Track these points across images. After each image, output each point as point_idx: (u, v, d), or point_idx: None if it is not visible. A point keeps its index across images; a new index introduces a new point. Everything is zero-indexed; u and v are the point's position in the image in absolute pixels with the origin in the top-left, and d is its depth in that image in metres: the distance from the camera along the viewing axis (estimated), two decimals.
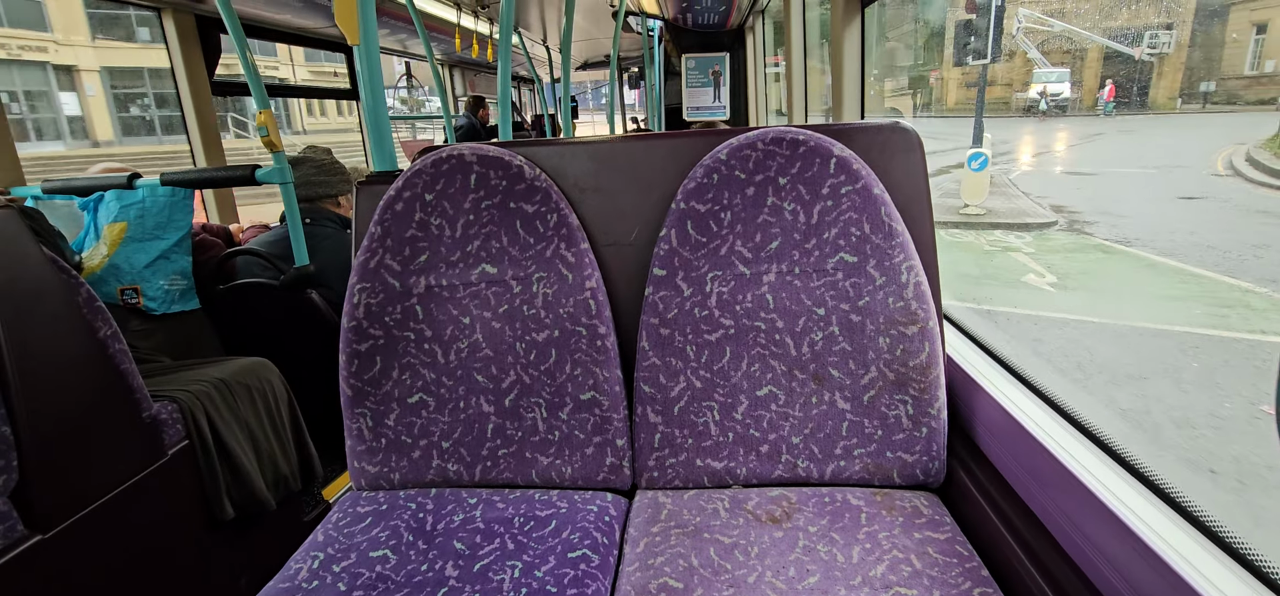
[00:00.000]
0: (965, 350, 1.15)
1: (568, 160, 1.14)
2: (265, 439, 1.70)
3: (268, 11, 3.23)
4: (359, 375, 1.10)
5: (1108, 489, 0.74)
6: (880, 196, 1.00)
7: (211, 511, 1.56)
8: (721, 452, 1.08)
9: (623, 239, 1.13)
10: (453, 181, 1.08)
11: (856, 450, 1.05)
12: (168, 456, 1.45)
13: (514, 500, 1.08)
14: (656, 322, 1.06)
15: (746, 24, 5.09)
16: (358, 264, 1.09)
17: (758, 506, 1.02)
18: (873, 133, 1.08)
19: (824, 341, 1.03)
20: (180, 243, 1.99)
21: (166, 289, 1.95)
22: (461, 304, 1.09)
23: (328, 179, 2.22)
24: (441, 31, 4.61)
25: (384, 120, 1.29)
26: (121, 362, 1.37)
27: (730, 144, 1.05)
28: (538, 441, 1.11)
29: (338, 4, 1.27)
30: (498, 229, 1.09)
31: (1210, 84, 13.07)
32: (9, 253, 1.20)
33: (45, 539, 1.20)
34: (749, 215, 1.04)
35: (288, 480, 1.77)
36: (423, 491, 1.12)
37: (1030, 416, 0.90)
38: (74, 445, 1.28)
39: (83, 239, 1.97)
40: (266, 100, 1.95)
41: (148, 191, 1.94)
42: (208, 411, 1.55)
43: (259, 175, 1.94)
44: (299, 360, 2.00)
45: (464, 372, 1.10)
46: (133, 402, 1.39)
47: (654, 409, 1.08)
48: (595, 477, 1.11)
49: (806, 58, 3.14)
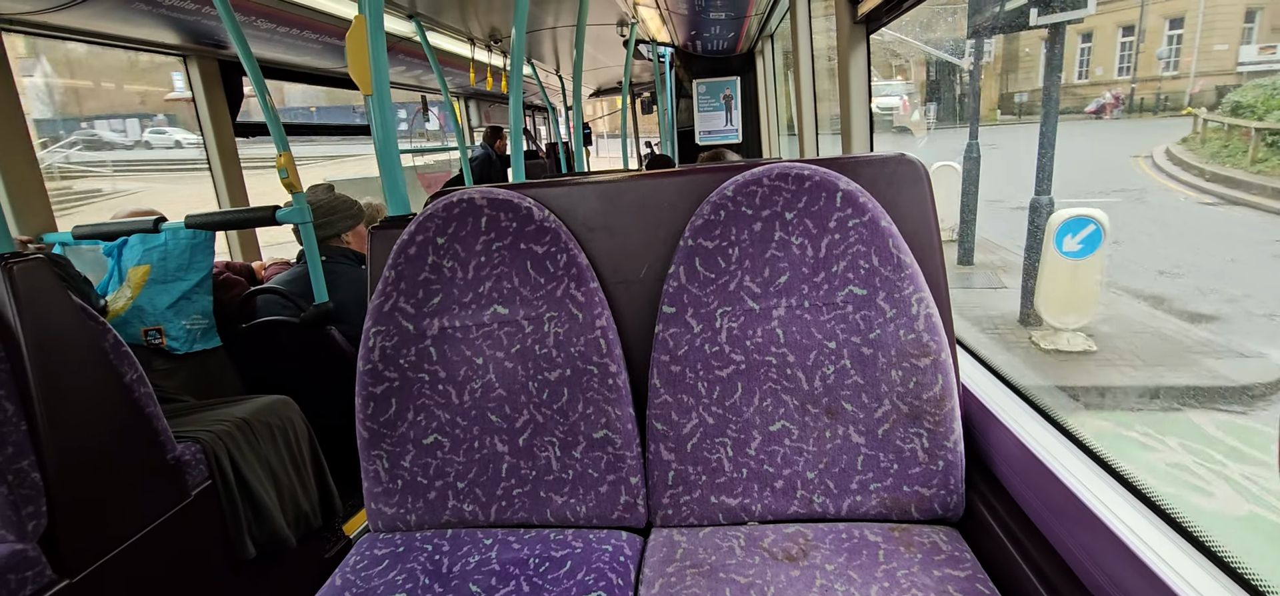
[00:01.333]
0: (982, 380, 1.14)
1: (576, 200, 1.15)
2: (286, 476, 1.73)
3: (287, 55, 3.33)
4: (375, 417, 1.11)
5: (1128, 527, 0.72)
6: (887, 229, 1.00)
7: (233, 550, 1.58)
8: (736, 489, 1.07)
9: (632, 276, 1.14)
10: (464, 224, 1.10)
11: (872, 484, 1.04)
12: (191, 497, 1.48)
13: (529, 540, 1.08)
14: (667, 359, 1.07)
15: (756, 48, 5.13)
16: (373, 307, 1.11)
17: (774, 544, 1.01)
18: (878, 165, 1.08)
19: (836, 375, 1.03)
20: (201, 283, 2.04)
21: (188, 329, 1.99)
22: (474, 345, 1.11)
23: (330, 219, 2.27)
24: (456, 66, 4.71)
25: (397, 166, 1.32)
26: (146, 406, 1.40)
27: (736, 180, 1.05)
28: (552, 480, 1.12)
29: (351, 57, 1.31)
30: (509, 270, 1.10)
31: (1023, 96, 12.83)
32: (39, 302, 1.24)
33: (72, 583, 1.22)
34: (757, 250, 1.04)
35: (308, 517, 1.79)
36: (439, 532, 1.12)
37: (1049, 450, 0.89)
38: (101, 489, 1.31)
39: (107, 282, 2.03)
40: (285, 143, 2.00)
41: (170, 235, 2.00)
42: (230, 451, 1.58)
43: (279, 216, 1.98)
44: (319, 395, 2.03)
45: (478, 413, 1.11)
46: (158, 445, 1.42)
47: (666, 446, 1.08)
48: (609, 516, 1.11)
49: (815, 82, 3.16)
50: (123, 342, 1.39)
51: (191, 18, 2.51)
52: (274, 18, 2.83)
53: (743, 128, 5.34)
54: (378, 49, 1.34)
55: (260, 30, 2.88)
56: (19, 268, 1.22)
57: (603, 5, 3.69)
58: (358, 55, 1.30)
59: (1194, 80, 10.96)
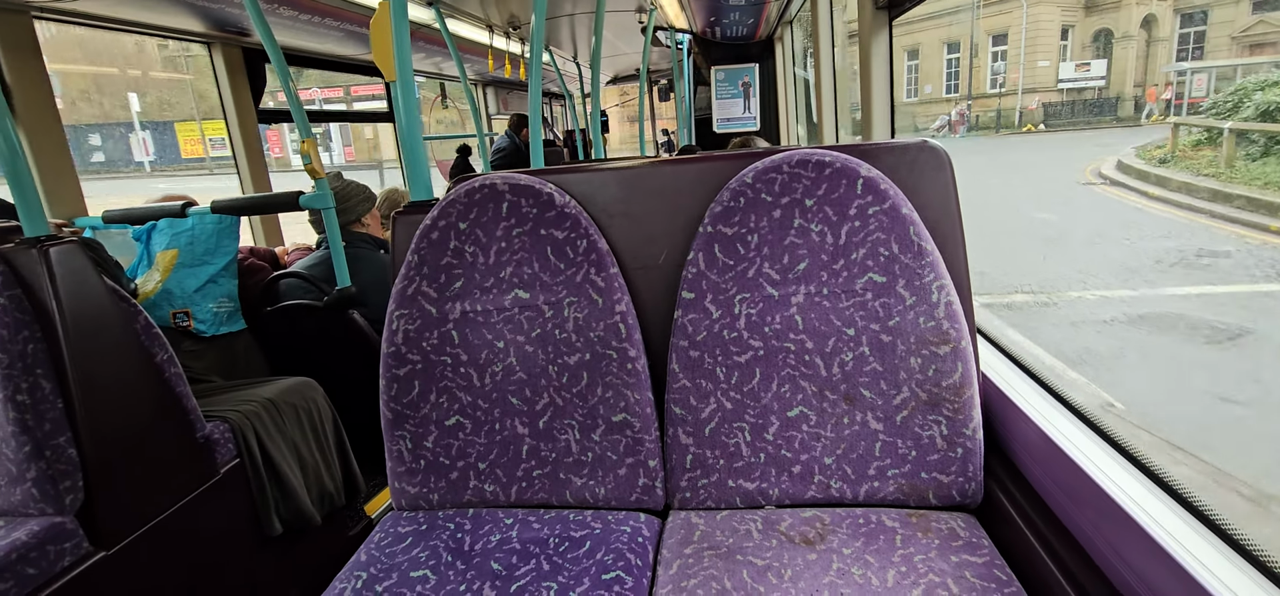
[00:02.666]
0: (1002, 368, 1.13)
1: (597, 186, 1.16)
2: (311, 456, 1.77)
3: (310, 42, 3.36)
4: (398, 399, 1.14)
5: (1148, 514, 0.72)
6: (908, 216, 1.00)
7: (261, 527, 1.62)
8: (753, 473, 1.08)
9: (651, 262, 1.15)
10: (485, 210, 1.11)
11: (890, 470, 1.04)
12: (220, 474, 1.52)
13: (549, 521, 1.10)
14: (686, 345, 1.08)
15: (775, 34, 5.07)
16: (396, 291, 1.13)
17: (791, 527, 1.02)
18: (900, 152, 1.08)
19: (854, 362, 1.03)
20: (227, 267, 2.08)
21: (215, 311, 2.04)
22: (495, 328, 1.12)
23: (344, 206, 2.30)
24: (475, 53, 4.72)
25: (420, 151, 1.34)
26: (177, 385, 1.44)
27: (756, 167, 1.05)
28: (571, 462, 1.13)
29: (375, 44, 1.32)
30: (529, 255, 1.11)
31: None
32: (73, 284, 1.27)
33: (108, 555, 1.27)
34: (776, 237, 1.05)
35: (332, 496, 1.83)
36: (461, 511, 1.15)
37: (1068, 437, 0.88)
38: (134, 465, 1.35)
39: (136, 266, 2.08)
40: (309, 129, 2.03)
41: (197, 219, 2.04)
42: (257, 430, 1.62)
43: (302, 200, 2.02)
44: (342, 377, 2.07)
45: (499, 395, 1.13)
46: (187, 423, 1.46)
47: (685, 430, 1.09)
48: (628, 498, 1.13)
49: (836, 69, 3.13)
50: (153, 324, 1.43)
51: (216, 5, 2.54)
52: (297, 5, 2.86)
53: (761, 115, 5.30)
54: (402, 36, 1.36)
55: (283, 18, 2.92)
56: (56, 251, 1.25)
57: None
58: (382, 42, 1.32)
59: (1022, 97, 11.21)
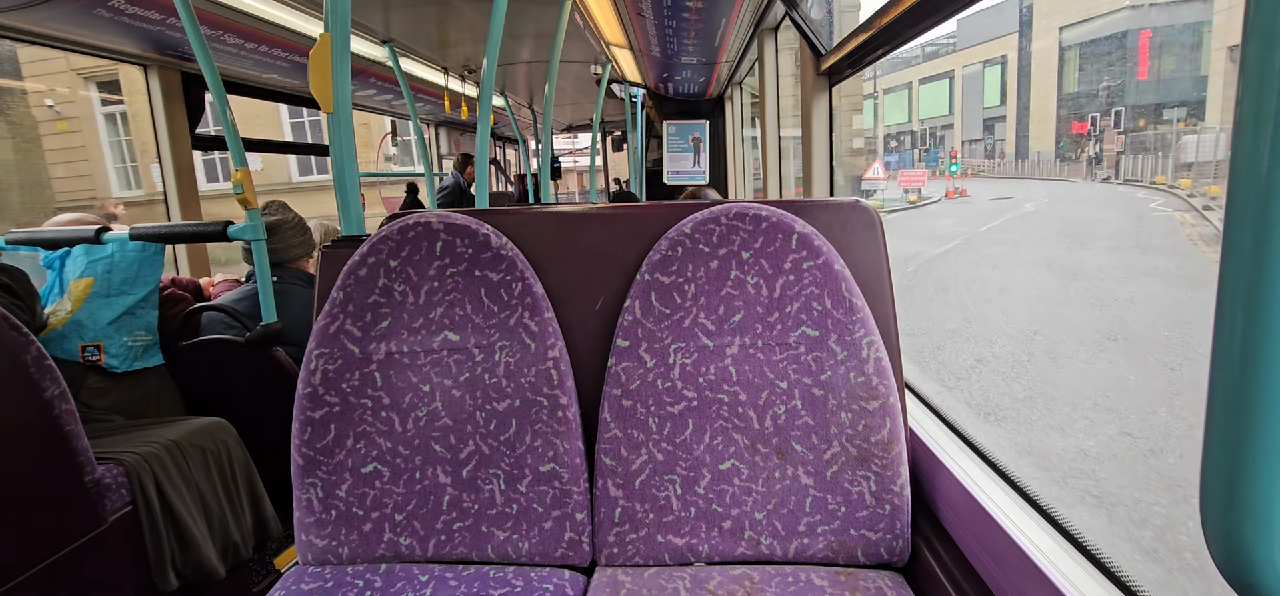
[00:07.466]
0: (928, 424, 1.15)
1: (535, 228, 1.14)
2: (217, 504, 1.64)
3: (253, 70, 3.28)
4: (311, 443, 1.07)
5: (1068, 579, 0.73)
6: (841, 272, 1.02)
7: (154, 582, 1.48)
8: (683, 528, 1.05)
9: (587, 308, 1.13)
10: (418, 248, 1.08)
11: (820, 527, 1.03)
12: (108, 522, 1.39)
13: (467, 578, 1.04)
14: (619, 393, 1.05)
15: (726, 94, 5.26)
16: (317, 329, 1.07)
17: (719, 586, 0.99)
18: (834, 210, 1.10)
19: (787, 415, 1.02)
20: (147, 298, 1.95)
21: (129, 345, 1.90)
22: (422, 371, 1.08)
23: (303, 239, 2.21)
24: (430, 94, 4.70)
25: (353, 185, 1.29)
26: (66, 424, 1.32)
27: (695, 218, 1.06)
28: (495, 514, 1.08)
29: (313, 75, 1.29)
30: (462, 296, 1.08)
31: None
32: None
33: None
34: (713, 287, 1.05)
35: (239, 547, 1.69)
36: (372, 567, 1.07)
37: (991, 497, 0.89)
38: (10, 510, 1.22)
39: (46, 294, 1.93)
40: (243, 159, 1.95)
41: (117, 246, 1.91)
42: (156, 474, 1.49)
43: (231, 231, 1.92)
44: (262, 419, 1.95)
45: (422, 442, 1.08)
46: (75, 466, 1.33)
47: (615, 482, 1.06)
48: (553, 554, 1.08)
49: (780, 130, 3.24)
50: (46, 355, 1.31)
51: (156, 28, 2.45)
52: (242, 33, 2.79)
53: (711, 169, 5.43)
54: (341, 69, 1.33)
55: (227, 46, 2.84)
56: None
57: (577, 45, 3.74)
58: (320, 73, 1.28)
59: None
